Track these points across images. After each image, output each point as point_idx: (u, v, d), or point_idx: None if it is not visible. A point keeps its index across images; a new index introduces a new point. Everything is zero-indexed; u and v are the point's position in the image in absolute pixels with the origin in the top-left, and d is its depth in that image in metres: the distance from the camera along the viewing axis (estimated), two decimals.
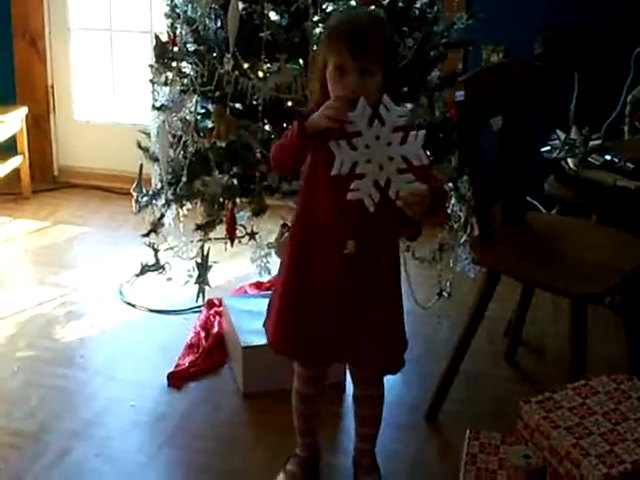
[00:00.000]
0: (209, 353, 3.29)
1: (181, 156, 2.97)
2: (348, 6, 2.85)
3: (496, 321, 3.37)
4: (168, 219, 3.10)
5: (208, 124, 2.91)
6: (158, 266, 3.18)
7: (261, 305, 2.97)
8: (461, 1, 3.97)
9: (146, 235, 3.15)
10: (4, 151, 4.50)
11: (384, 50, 2.27)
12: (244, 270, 3.68)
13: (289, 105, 2.81)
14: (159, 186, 3.07)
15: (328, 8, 2.83)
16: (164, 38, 3.01)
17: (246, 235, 3.02)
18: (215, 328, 3.40)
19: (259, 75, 2.77)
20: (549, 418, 2.11)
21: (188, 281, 3.11)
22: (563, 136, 3.29)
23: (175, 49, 2.96)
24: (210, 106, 2.92)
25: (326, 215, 2.35)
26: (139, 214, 3.18)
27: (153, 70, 3.03)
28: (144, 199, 3.13)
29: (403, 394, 3.14)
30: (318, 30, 2.75)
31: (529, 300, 3.26)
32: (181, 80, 2.95)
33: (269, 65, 2.82)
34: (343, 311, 2.42)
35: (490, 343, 3.37)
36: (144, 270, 3.21)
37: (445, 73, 3.08)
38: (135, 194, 3.15)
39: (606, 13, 3.89)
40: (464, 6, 3.77)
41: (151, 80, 3.04)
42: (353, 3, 2.86)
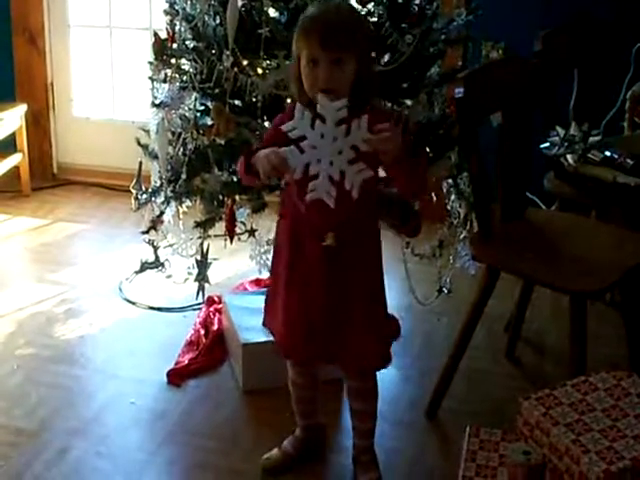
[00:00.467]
0: (209, 350, 3.28)
1: (180, 153, 2.97)
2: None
3: (496, 318, 3.37)
4: (168, 216, 3.10)
5: (207, 121, 2.91)
6: (158, 263, 3.18)
7: (261, 302, 2.96)
8: None
9: (146, 232, 3.15)
10: (3, 148, 4.49)
11: (355, 38, 2.26)
12: (244, 267, 3.67)
13: (288, 102, 2.80)
14: (158, 183, 3.07)
15: None
16: (163, 35, 3.01)
17: (246, 232, 3.01)
18: (215, 325, 3.40)
19: (258, 72, 2.77)
20: (549, 415, 2.10)
21: (188, 278, 3.11)
22: (563, 132, 3.29)
23: (174, 46, 2.96)
24: (209, 103, 2.91)
25: (306, 209, 2.38)
26: (138, 211, 3.18)
27: (152, 67, 3.03)
28: (143, 196, 3.13)
29: (402, 391, 3.15)
30: None
31: (529, 297, 3.26)
32: (180, 77, 2.95)
33: (268, 62, 2.82)
34: (328, 305, 2.45)
35: (490, 340, 3.37)
36: (144, 267, 3.21)
37: (444, 69, 3.08)
38: (134, 191, 3.15)
39: (606, 9, 3.88)
40: (463, 2, 3.75)
41: (150, 77, 3.04)
42: None
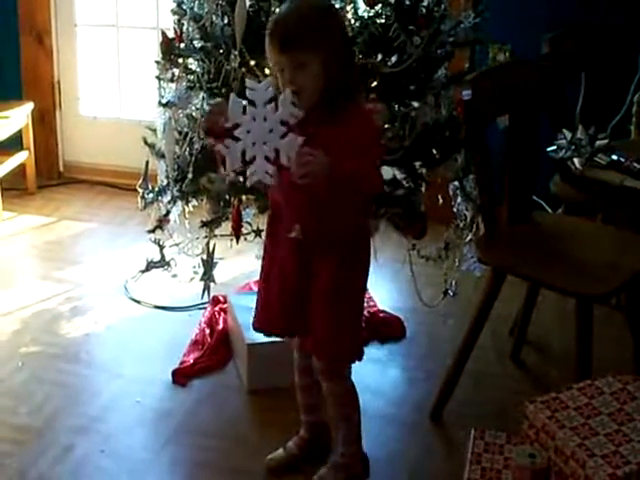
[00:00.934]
0: (214, 350, 3.28)
1: (187, 153, 2.97)
2: None
3: (501, 320, 3.37)
4: (174, 216, 3.10)
5: None
6: (163, 262, 3.18)
7: None
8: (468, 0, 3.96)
9: (152, 231, 3.15)
10: (10, 146, 4.49)
11: (316, 41, 2.24)
12: (249, 267, 3.67)
13: None
14: (165, 183, 3.07)
15: (335, 5, 2.83)
16: (171, 34, 3.01)
17: (252, 232, 3.02)
18: (220, 325, 3.40)
19: (266, 72, 2.77)
20: (554, 418, 2.10)
21: (193, 278, 3.11)
22: (569, 135, 3.28)
23: (182, 46, 2.96)
24: None
25: (278, 199, 2.43)
26: (144, 210, 3.18)
27: (159, 66, 3.03)
28: (150, 195, 3.13)
29: (407, 392, 3.15)
30: None
31: (534, 299, 3.26)
32: (187, 77, 2.95)
33: None
34: (298, 291, 2.47)
35: (495, 342, 3.36)
36: (149, 266, 3.22)
37: (452, 72, 3.08)
38: (141, 190, 3.15)
39: (613, 13, 3.88)
40: (471, 5, 3.75)
41: (157, 76, 3.05)
42: None
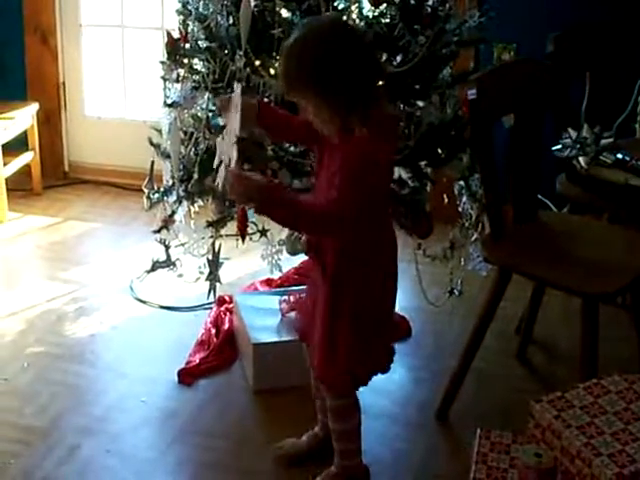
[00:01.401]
0: (220, 350, 3.29)
1: (192, 153, 2.97)
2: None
3: (507, 319, 3.37)
4: (179, 216, 3.10)
5: (219, 121, 2.91)
6: (169, 262, 3.18)
7: (272, 302, 2.98)
8: None
9: (157, 231, 3.15)
10: (15, 147, 4.50)
11: (308, 81, 2.19)
12: (255, 267, 3.68)
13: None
14: (170, 183, 3.07)
15: (340, 5, 2.83)
16: (176, 35, 3.02)
17: (257, 232, 3.01)
18: (226, 325, 3.40)
19: (271, 72, 2.77)
20: (561, 417, 2.10)
21: (199, 278, 3.11)
22: (574, 134, 3.28)
23: (187, 46, 2.97)
24: None
25: None
26: (150, 211, 3.18)
27: (165, 67, 3.04)
28: (155, 196, 3.13)
29: (413, 392, 3.15)
30: None
31: (540, 298, 3.26)
32: (192, 77, 2.95)
33: None
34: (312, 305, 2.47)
35: (501, 341, 3.36)
36: (155, 266, 3.21)
37: (457, 71, 3.08)
38: (146, 191, 3.15)
39: (618, 11, 3.88)
40: (476, 4, 3.75)
41: (162, 77, 3.05)
42: None
